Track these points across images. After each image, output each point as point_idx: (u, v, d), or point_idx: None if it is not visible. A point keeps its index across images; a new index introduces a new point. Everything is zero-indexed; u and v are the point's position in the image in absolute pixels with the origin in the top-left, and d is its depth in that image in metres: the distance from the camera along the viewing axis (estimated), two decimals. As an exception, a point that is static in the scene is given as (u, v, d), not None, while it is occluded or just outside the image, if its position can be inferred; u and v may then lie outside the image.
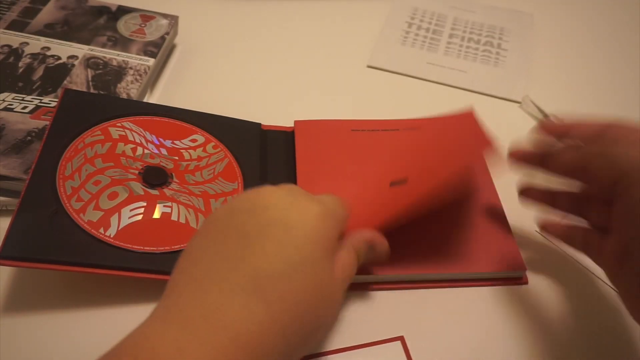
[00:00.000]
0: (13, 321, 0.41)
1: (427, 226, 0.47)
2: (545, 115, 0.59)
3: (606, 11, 0.76)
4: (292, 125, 0.54)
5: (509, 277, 0.46)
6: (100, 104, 0.50)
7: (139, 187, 0.45)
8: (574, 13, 0.75)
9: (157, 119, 0.50)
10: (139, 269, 0.40)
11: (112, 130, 0.47)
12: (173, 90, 0.59)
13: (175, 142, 0.49)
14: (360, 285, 0.44)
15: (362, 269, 0.44)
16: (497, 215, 0.49)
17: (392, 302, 0.44)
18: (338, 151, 0.52)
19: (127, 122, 0.49)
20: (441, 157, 0.51)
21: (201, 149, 0.49)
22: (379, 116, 0.57)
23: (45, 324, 0.41)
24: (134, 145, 0.47)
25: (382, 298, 0.44)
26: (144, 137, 0.48)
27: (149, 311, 0.31)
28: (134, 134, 0.48)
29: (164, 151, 0.48)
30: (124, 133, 0.48)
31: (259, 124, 0.53)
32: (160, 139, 0.49)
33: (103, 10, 0.62)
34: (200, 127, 0.51)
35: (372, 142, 0.53)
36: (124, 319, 0.32)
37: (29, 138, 0.48)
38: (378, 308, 0.44)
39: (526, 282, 0.46)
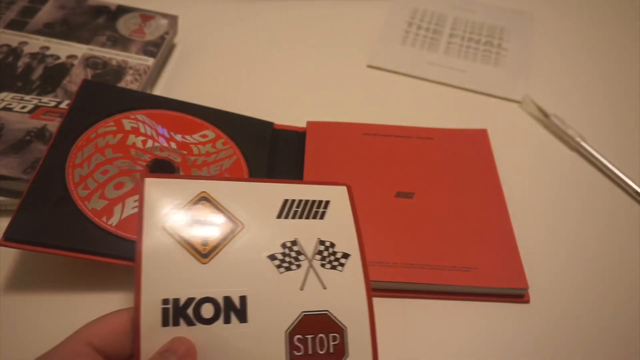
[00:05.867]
0: (14, 300, 0.42)
1: (430, 235, 0.47)
2: (546, 115, 0.59)
3: (606, 11, 0.75)
4: (296, 124, 0.54)
5: (510, 294, 0.45)
6: (116, 95, 0.50)
7: None
8: (574, 13, 0.75)
9: (171, 112, 0.50)
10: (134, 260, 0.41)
11: (125, 122, 0.48)
12: (172, 89, 0.59)
13: (185, 136, 0.49)
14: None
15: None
16: (504, 230, 0.48)
17: (389, 310, 0.44)
18: (348, 154, 0.52)
19: (140, 115, 0.49)
20: (450, 174, 0.51)
21: (210, 144, 0.50)
22: (378, 116, 0.57)
23: (44, 305, 0.42)
24: (145, 138, 0.47)
25: (379, 305, 0.44)
26: (156, 130, 0.48)
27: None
28: (146, 126, 0.48)
29: (173, 145, 0.48)
30: (136, 125, 0.48)
31: (272, 123, 0.53)
32: (171, 133, 0.49)
33: (102, 9, 0.62)
34: (212, 123, 0.51)
35: (383, 147, 0.53)
36: (118, 305, 0.34)
37: (28, 138, 0.48)
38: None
39: (528, 301, 0.45)
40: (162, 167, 0.46)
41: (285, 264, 0.34)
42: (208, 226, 0.34)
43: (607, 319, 0.45)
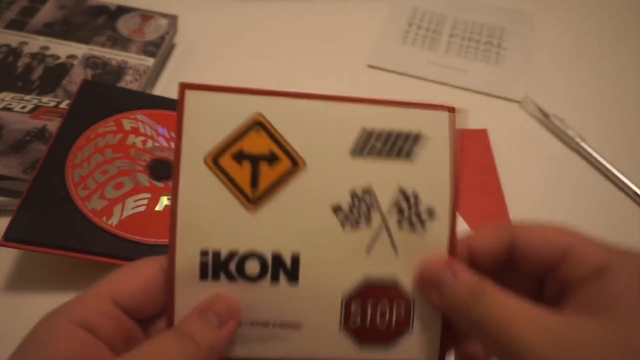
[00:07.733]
0: (14, 300, 0.42)
1: None
2: (546, 115, 0.59)
3: (606, 11, 0.75)
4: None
5: None
6: (116, 95, 0.51)
7: (145, 179, 0.45)
8: (574, 13, 0.75)
9: (171, 112, 0.51)
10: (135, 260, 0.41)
11: (125, 122, 0.48)
12: (172, 90, 0.59)
13: None
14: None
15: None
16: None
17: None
18: None
19: (140, 115, 0.49)
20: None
21: None
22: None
23: (44, 305, 0.41)
24: (145, 138, 0.47)
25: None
26: (156, 130, 0.49)
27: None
28: (146, 126, 0.48)
29: (173, 145, 0.48)
30: (136, 125, 0.48)
31: None
32: (171, 133, 0.49)
33: (102, 9, 0.62)
34: None
35: None
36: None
37: (28, 138, 0.48)
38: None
39: None
40: (163, 167, 0.46)
41: (352, 219, 0.28)
42: (261, 163, 0.27)
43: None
